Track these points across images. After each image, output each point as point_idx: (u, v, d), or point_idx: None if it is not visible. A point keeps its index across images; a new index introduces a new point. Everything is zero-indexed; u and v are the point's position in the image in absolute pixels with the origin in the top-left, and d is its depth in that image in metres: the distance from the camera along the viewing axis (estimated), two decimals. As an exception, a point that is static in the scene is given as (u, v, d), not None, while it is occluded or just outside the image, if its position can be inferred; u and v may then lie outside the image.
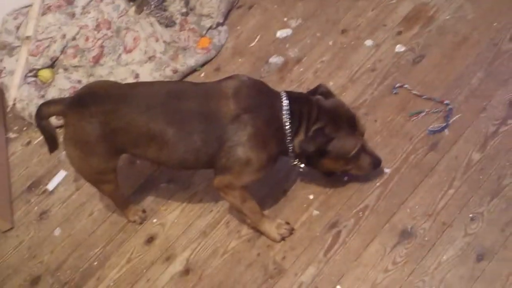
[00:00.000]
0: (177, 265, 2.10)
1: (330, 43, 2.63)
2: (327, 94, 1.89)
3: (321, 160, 1.84)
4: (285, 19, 2.82)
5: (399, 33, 2.55)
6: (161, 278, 2.08)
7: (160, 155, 1.80)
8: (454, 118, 2.17)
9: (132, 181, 2.36)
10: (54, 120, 2.39)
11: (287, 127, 1.77)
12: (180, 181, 2.32)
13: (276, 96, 1.81)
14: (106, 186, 1.99)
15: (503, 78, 2.23)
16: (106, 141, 1.79)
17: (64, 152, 2.19)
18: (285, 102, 1.77)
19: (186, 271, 2.08)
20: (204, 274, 2.04)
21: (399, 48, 2.49)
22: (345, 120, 1.82)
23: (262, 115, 1.75)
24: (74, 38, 2.79)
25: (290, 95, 1.80)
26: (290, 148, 1.81)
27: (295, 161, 1.88)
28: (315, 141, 1.77)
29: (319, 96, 1.86)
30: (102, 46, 2.77)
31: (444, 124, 2.16)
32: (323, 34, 2.68)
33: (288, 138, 1.79)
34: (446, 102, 2.21)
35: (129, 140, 1.79)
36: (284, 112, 1.76)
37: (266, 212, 2.08)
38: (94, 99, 1.78)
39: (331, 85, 2.43)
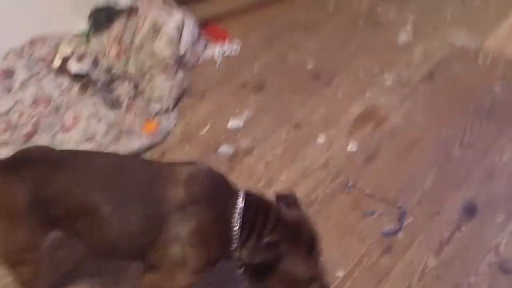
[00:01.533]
0: None
1: (283, 136, 2.56)
2: (293, 205, 1.67)
3: (267, 279, 1.57)
4: (237, 110, 2.76)
5: (351, 132, 2.53)
6: None
7: (92, 234, 1.58)
8: (408, 221, 2.10)
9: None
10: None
11: (235, 231, 1.55)
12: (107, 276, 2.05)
13: (233, 194, 1.61)
14: (25, 269, 1.71)
15: (455, 183, 2.21)
16: (36, 211, 1.56)
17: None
18: (240, 203, 1.56)
19: None
20: None
21: (352, 147, 2.46)
22: (303, 241, 1.57)
23: (212, 211, 1.55)
24: (7, 113, 2.60)
25: (248, 197, 1.60)
26: (235, 254, 1.58)
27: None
28: (264, 254, 1.52)
29: (282, 205, 1.64)
30: (36, 123, 2.58)
31: (398, 227, 2.07)
32: (276, 126, 2.63)
33: (234, 244, 1.56)
34: (398, 205, 2.15)
35: (61, 212, 1.57)
36: (236, 214, 1.55)
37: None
38: (27, 163, 1.59)
39: (282, 178, 2.33)
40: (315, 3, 3.46)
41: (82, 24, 3.19)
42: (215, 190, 1.60)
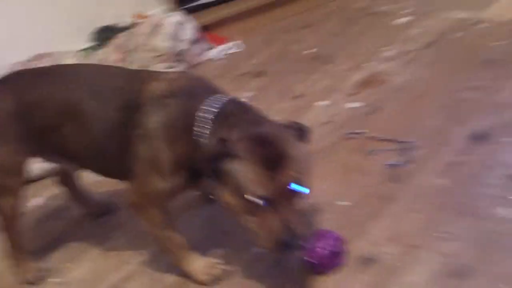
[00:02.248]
0: None
1: (285, 106, 2.53)
2: (293, 131, 1.41)
3: (220, 184, 1.35)
4: (238, 92, 2.74)
5: (354, 93, 2.48)
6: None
7: (76, 139, 1.55)
8: (414, 153, 1.97)
9: (38, 239, 1.99)
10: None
11: (196, 128, 1.38)
12: (96, 236, 1.96)
13: (211, 92, 1.47)
14: (5, 198, 1.65)
15: (462, 119, 2.11)
16: (19, 122, 1.56)
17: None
18: (217, 103, 1.41)
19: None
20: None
21: (354, 104, 2.39)
22: (267, 153, 1.28)
23: (185, 105, 1.42)
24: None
25: (233, 101, 1.44)
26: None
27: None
28: (211, 148, 1.32)
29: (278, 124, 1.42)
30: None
31: (404, 158, 1.95)
32: (276, 100, 2.60)
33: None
34: (404, 140, 2.04)
35: (42, 119, 1.56)
36: (202, 111, 1.39)
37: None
38: (15, 76, 1.64)
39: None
40: (313, 6, 3.54)
41: (85, 42, 3.34)
42: (198, 89, 1.51)
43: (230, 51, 3.22)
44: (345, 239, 1.58)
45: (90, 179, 2.09)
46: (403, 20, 3.07)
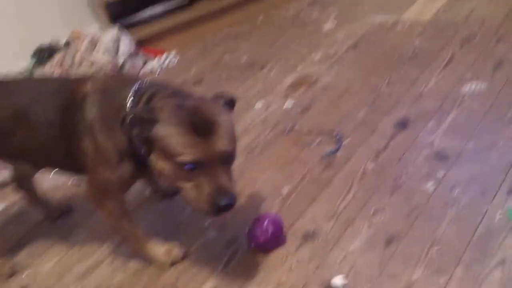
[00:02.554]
0: None
1: (222, 109, 2.64)
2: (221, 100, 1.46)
3: (152, 152, 1.38)
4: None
5: (287, 95, 2.64)
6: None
7: (26, 141, 1.61)
8: (345, 142, 2.15)
9: (3, 242, 2.02)
10: None
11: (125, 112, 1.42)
12: (58, 234, 2.01)
13: (133, 82, 1.51)
14: None
15: (385, 110, 2.30)
16: None
17: None
18: (136, 85, 1.46)
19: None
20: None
21: (288, 104, 2.55)
22: (196, 117, 1.31)
23: (111, 97, 1.49)
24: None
25: (150, 82, 1.49)
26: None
27: None
28: (136, 112, 1.35)
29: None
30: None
31: (337, 147, 2.12)
32: (215, 104, 2.70)
33: None
34: (335, 132, 2.21)
35: None
36: (129, 98, 1.44)
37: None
38: None
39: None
40: (244, 18, 3.71)
41: (25, 63, 3.35)
42: (124, 81, 1.55)
43: (167, 63, 3.31)
44: (284, 222, 1.72)
45: (46, 185, 2.18)
46: (328, 26, 3.28)
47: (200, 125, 1.31)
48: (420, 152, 1.99)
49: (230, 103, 1.48)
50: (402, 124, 2.18)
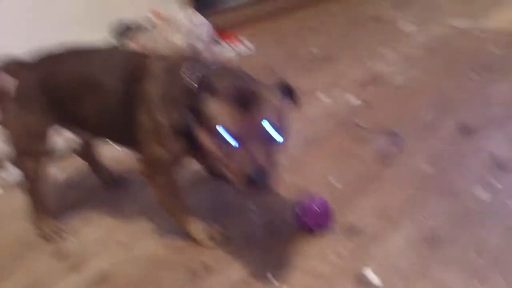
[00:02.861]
0: (88, 277, 1.78)
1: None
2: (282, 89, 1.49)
3: (199, 125, 1.41)
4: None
5: (355, 90, 2.64)
6: (65, 291, 1.78)
7: (89, 108, 1.72)
8: (406, 142, 2.13)
9: (57, 205, 2.15)
10: None
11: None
12: (110, 204, 2.13)
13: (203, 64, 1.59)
14: (30, 162, 1.84)
15: (451, 114, 2.26)
16: (42, 94, 1.74)
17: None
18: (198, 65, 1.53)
19: (98, 282, 1.78)
20: (119, 283, 1.76)
21: (353, 100, 2.55)
22: (244, 93, 1.34)
23: (174, 74, 1.54)
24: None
25: (219, 66, 1.58)
26: None
27: None
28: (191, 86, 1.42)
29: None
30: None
31: (396, 146, 2.11)
32: (281, 94, 2.75)
33: None
34: (397, 131, 2.20)
35: (62, 91, 1.74)
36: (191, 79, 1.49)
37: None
38: (37, 57, 1.80)
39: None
40: (322, 13, 3.73)
41: (103, 34, 3.51)
42: (182, 61, 1.60)
43: (243, 51, 3.40)
44: (333, 209, 1.74)
45: (108, 156, 2.31)
46: (406, 26, 3.22)
47: (245, 100, 1.31)
48: (480, 159, 1.94)
49: (288, 91, 1.48)
50: (466, 129, 2.13)
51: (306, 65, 3.02)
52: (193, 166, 1.85)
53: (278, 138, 1.37)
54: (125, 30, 3.52)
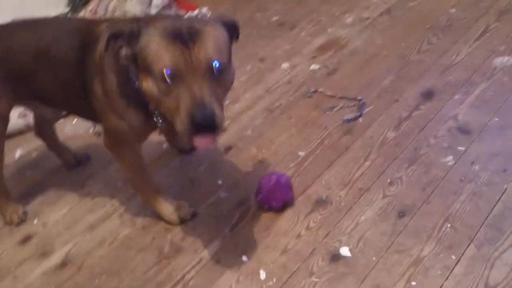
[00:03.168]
0: (53, 260, 1.75)
1: (248, 68, 2.61)
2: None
3: (138, 70, 1.31)
4: (204, 56, 2.83)
5: (314, 57, 2.59)
6: (31, 275, 1.70)
7: (47, 81, 1.62)
8: (368, 109, 2.11)
9: (19, 187, 2.08)
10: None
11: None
12: (72, 183, 2.06)
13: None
14: None
15: (412, 78, 2.24)
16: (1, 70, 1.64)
17: None
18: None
19: (63, 264, 1.72)
20: (84, 265, 1.70)
21: (314, 66, 2.50)
22: (181, 27, 1.22)
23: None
24: None
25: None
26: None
27: None
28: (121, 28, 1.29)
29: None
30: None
31: (358, 113, 2.08)
32: (241, 63, 2.68)
33: None
34: (359, 98, 2.17)
35: (18, 64, 1.64)
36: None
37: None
38: None
39: (246, 96, 2.36)
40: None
41: (61, 8, 3.35)
42: (129, 22, 1.45)
43: (199, 18, 3.28)
44: (295, 185, 1.72)
45: (66, 133, 2.20)
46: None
47: (183, 35, 1.20)
48: (443, 124, 1.94)
49: (230, 26, 1.35)
50: (428, 94, 2.12)
51: (264, 32, 2.94)
52: (153, 140, 1.77)
53: (222, 70, 1.24)
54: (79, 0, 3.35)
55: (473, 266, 1.39)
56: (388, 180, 1.74)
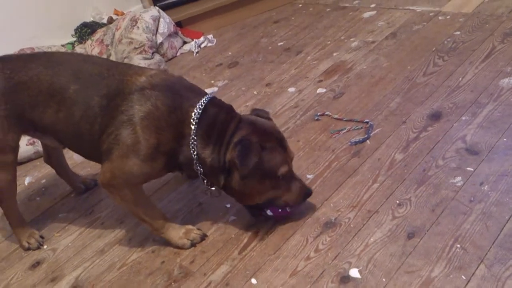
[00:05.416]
0: (63, 285, 1.77)
1: (255, 92, 2.64)
2: (264, 116, 1.72)
3: (243, 181, 1.55)
4: (212, 81, 2.88)
5: (320, 81, 2.61)
6: (42, 300, 1.71)
7: (57, 119, 1.64)
8: (375, 131, 2.11)
9: (29, 214, 2.11)
10: None
11: (193, 124, 1.53)
12: (81, 209, 2.08)
13: (198, 92, 1.63)
14: (3, 173, 1.75)
15: (419, 100, 2.25)
16: (8, 101, 1.66)
17: None
18: (204, 100, 1.57)
19: (73, 289, 1.73)
20: (94, 289, 1.71)
21: (320, 90, 2.52)
22: (274, 137, 1.60)
23: (169, 99, 1.54)
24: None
25: (214, 99, 1.62)
26: (195, 157, 1.56)
27: (207, 184, 1.65)
28: (247, 150, 1.50)
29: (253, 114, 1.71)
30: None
31: (366, 136, 2.09)
32: (248, 87, 2.72)
33: (193, 141, 1.54)
34: (366, 120, 2.18)
35: (29, 98, 1.65)
36: (196, 109, 1.54)
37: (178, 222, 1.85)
38: (6, 58, 1.73)
39: (253, 120, 2.37)
40: (284, 3, 3.68)
41: (67, 38, 3.43)
42: (177, 86, 1.63)
43: (204, 45, 3.33)
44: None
45: (74, 160, 2.23)
46: (368, 13, 3.21)
47: (282, 143, 1.61)
48: (451, 145, 1.94)
49: (266, 114, 1.75)
50: (435, 116, 2.12)
51: (271, 57, 2.99)
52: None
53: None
54: (85, 29, 3.43)
55: (483, 287, 1.38)
56: (397, 202, 1.73)
